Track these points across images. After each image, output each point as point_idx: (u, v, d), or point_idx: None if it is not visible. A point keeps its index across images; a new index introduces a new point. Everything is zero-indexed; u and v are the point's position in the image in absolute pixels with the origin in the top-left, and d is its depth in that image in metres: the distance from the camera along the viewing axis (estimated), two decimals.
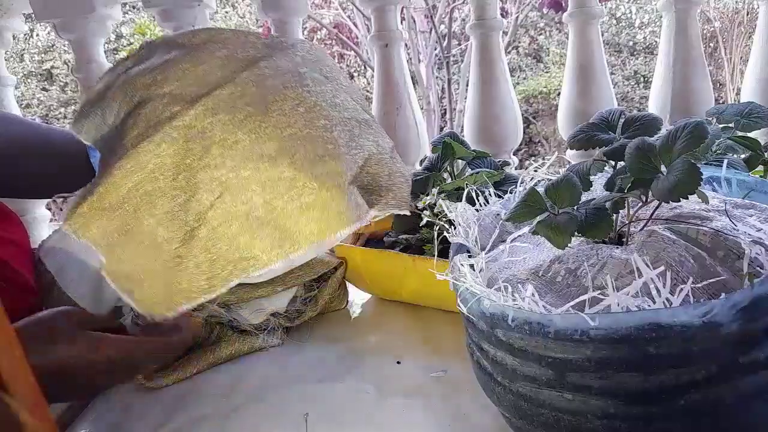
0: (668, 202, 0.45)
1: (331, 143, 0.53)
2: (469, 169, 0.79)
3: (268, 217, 0.50)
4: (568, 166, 0.53)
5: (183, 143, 0.51)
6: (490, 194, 0.63)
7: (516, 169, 1.11)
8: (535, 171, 0.62)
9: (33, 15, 1.26)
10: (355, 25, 5.89)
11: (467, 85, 1.35)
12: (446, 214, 0.61)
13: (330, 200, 0.51)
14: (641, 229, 0.46)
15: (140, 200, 0.50)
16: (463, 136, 1.08)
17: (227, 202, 0.50)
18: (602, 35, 1.41)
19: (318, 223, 0.50)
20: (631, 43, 6.33)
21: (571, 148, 0.56)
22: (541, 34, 6.51)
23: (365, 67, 6.33)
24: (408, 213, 0.57)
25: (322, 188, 0.51)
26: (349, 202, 0.51)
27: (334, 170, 0.52)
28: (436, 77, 5.87)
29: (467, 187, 0.63)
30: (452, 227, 0.57)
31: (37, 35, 6.78)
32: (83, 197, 0.51)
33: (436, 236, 0.64)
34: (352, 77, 6.61)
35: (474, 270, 0.48)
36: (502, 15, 1.26)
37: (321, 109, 0.55)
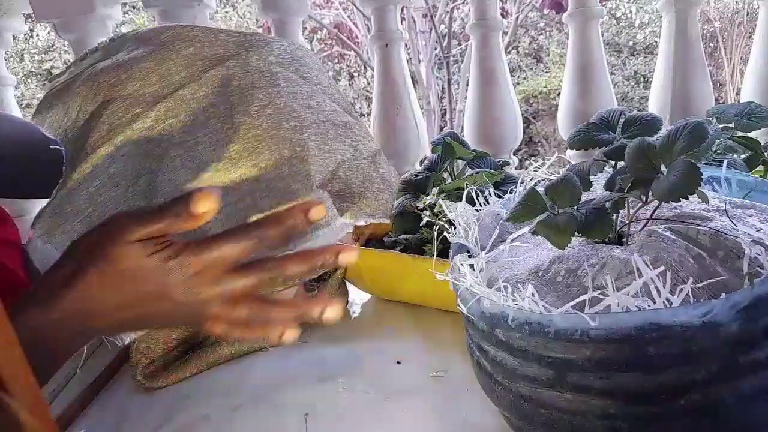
0: (668, 202, 0.45)
1: (300, 145, 0.52)
2: (469, 169, 0.79)
3: (229, 221, 0.49)
4: (568, 166, 0.53)
5: (144, 146, 0.50)
6: (490, 194, 0.63)
7: (516, 169, 1.11)
8: (535, 171, 0.62)
9: (33, 15, 1.26)
10: (355, 25, 5.89)
11: (467, 85, 1.35)
12: (446, 214, 0.61)
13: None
14: (641, 229, 0.46)
15: (102, 207, 0.48)
16: (463, 136, 1.08)
17: None
18: (602, 35, 1.41)
19: None
20: (631, 43, 6.33)
21: (571, 148, 0.56)
22: (541, 34, 6.52)
23: (365, 67, 6.33)
24: (387, 221, 0.56)
25: (286, 191, 0.50)
26: None
27: (302, 172, 0.51)
28: (436, 77, 5.87)
29: (467, 187, 0.63)
30: (452, 227, 0.57)
31: (37, 35, 6.78)
32: (49, 201, 0.50)
33: (436, 236, 0.64)
34: (352, 77, 6.61)
35: (474, 270, 0.48)
36: (502, 15, 1.26)
37: (291, 111, 0.54)
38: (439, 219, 0.69)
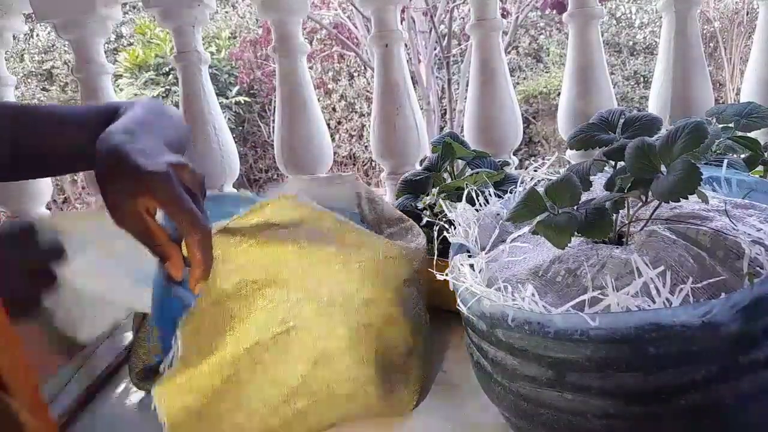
0: (668, 202, 0.45)
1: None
2: (469, 169, 0.79)
3: None
4: (568, 166, 0.53)
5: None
6: (490, 194, 0.63)
7: (516, 169, 1.11)
8: (535, 171, 0.62)
9: (33, 15, 1.26)
10: (354, 25, 5.89)
11: (467, 85, 1.35)
12: (446, 214, 0.61)
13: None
14: (641, 229, 0.46)
15: (228, 403, 0.50)
16: (463, 136, 1.08)
17: None
18: (602, 35, 1.41)
19: None
20: (631, 43, 6.33)
21: (571, 148, 0.56)
22: (541, 34, 6.52)
23: (365, 68, 6.33)
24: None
25: None
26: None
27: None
28: (436, 77, 5.87)
29: (467, 187, 0.63)
30: (452, 227, 0.57)
31: (37, 35, 6.78)
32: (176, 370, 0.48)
33: (436, 236, 0.64)
34: (352, 77, 6.61)
35: (474, 270, 0.48)
36: (502, 15, 1.26)
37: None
38: (439, 219, 0.69)
